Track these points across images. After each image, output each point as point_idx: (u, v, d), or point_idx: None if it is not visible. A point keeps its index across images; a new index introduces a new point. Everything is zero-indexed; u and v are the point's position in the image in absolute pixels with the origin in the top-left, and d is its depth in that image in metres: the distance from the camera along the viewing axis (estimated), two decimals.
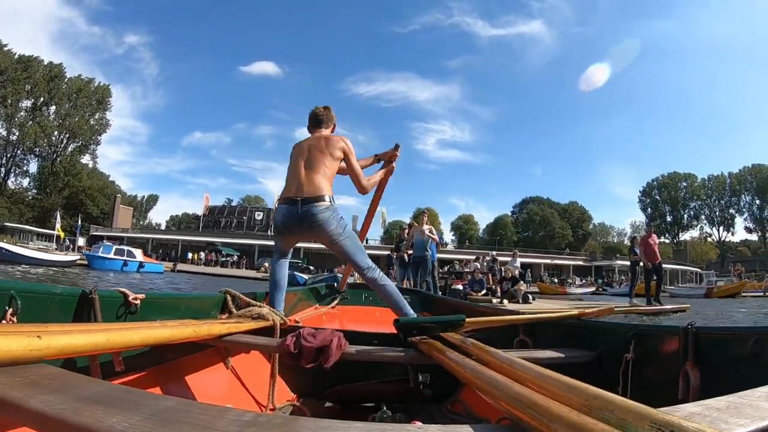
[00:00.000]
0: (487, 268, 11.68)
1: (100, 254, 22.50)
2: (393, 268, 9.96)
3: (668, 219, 61.32)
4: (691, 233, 61.60)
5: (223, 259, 37.58)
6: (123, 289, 1.33)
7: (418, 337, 1.48)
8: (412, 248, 7.80)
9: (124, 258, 22.68)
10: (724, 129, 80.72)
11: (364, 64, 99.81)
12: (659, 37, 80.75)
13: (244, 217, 53.48)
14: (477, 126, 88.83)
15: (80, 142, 46.45)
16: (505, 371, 0.91)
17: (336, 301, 3.71)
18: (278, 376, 1.75)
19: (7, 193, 42.30)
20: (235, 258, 38.08)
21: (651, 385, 1.24)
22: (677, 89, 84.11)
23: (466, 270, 12.60)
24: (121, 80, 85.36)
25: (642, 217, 64.01)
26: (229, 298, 1.91)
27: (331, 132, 2.40)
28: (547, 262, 44.13)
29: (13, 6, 55.90)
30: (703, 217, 60.78)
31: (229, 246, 40.46)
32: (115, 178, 58.31)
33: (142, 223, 62.17)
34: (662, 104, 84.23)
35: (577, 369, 1.20)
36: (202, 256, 36.83)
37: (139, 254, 24.10)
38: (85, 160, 48.11)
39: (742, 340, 1.07)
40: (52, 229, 32.15)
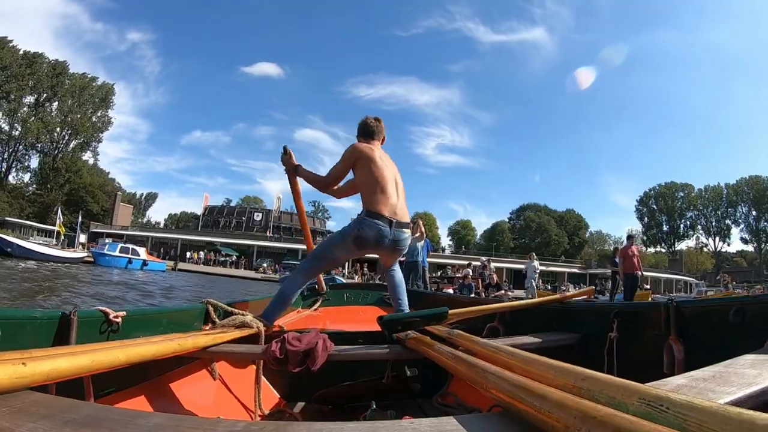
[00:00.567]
0: (477, 274, 12.03)
1: (106, 252, 23.07)
2: (366, 273, 10.41)
3: (664, 228, 61.49)
4: (687, 243, 61.88)
5: (222, 259, 37.80)
6: (103, 308, 1.32)
7: (404, 333, 1.50)
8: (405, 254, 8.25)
9: (129, 256, 23.13)
10: (723, 140, 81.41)
11: (366, 67, 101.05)
12: (660, 45, 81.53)
13: (243, 218, 53.55)
14: (477, 131, 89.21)
15: (82, 139, 46.57)
16: (493, 359, 0.92)
17: (318, 303, 3.68)
18: (267, 382, 1.75)
19: (8, 188, 42.49)
20: (234, 258, 38.30)
21: (636, 362, 1.24)
22: (678, 99, 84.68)
23: (457, 275, 13.01)
24: (124, 77, 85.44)
25: (639, 226, 64.52)
26: (211, 309, 1.88)
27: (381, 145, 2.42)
28: (543, 269, 43.91)
29: (18, 2, 56.22)
30: (699, 227, 60.93)
31: (228, 246, 40.58)
32: (115, 175, 58.41)
33: (141, 221, 61.94)
34: (663, 114, 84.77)
35: (563, 351, 1.22)
36: (202, 256, 37.10)
37: (143, 252, 24.60)
38: (86, 156, 48.37)
39: (723, 311, 1.07)
40: (53, 225, 32.40)
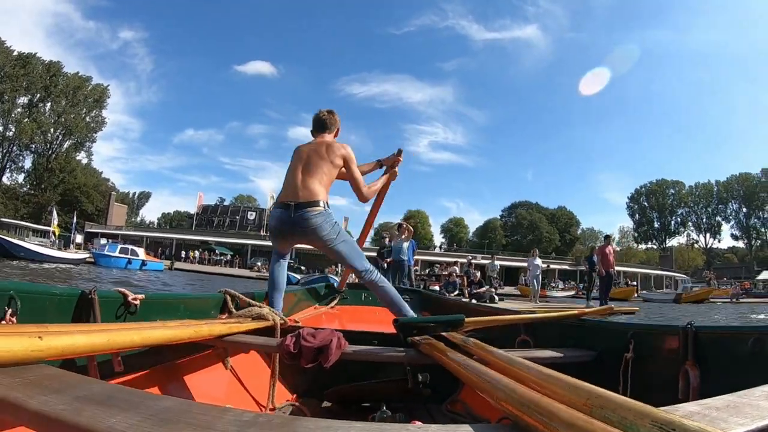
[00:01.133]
0: (463, 272, 12.55)
1: (106, 252, 23.72)
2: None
3: (655, 225, 62.55)
4: (678, 239, 62.93)
5: (217, 258, 38.11)
6: (122, 290, 1.32)
7: (419, 337, 1.49)
8: (391, 254, 8.82)
9: (128, 256, 23.71)
10: (713, 138, 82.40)
11: (359, 65, 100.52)
12: (652, 44, 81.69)
13: (237, 217, 53.72)
14: (470, 129, 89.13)
15: (76, 140, 46.65)
16: (507, 371, 0.91)
17: (335, 301, 3.68)
18: (279, 376, 1.77)
19: (2, 189, 42.49)
20: (229, 257, 38.63)
21: (651, 385, 1.24)
22: (670, 97, 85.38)
23: (444, 273, 13.54)
24: (116, 76, 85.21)
25: (630, 223, 65.49)
26: (229, 299, 1.89)
27: (335, 136, 2.38)
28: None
29: (9, 0, 55.71)
30: (690, 224, 62.10)
31: (223, 245, 40.89)
32: (107, 174, 57.74)
33: (134, 220, 61.84)
34: (655, 112, 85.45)
35: (577, 368, 1.20)
36: (197, 255, 37.38)
37: (141, 253, 25.24)
38: (80, 157, 48.44)
39: (742, 340, 1.06)
40: (47, 225, 32.58)
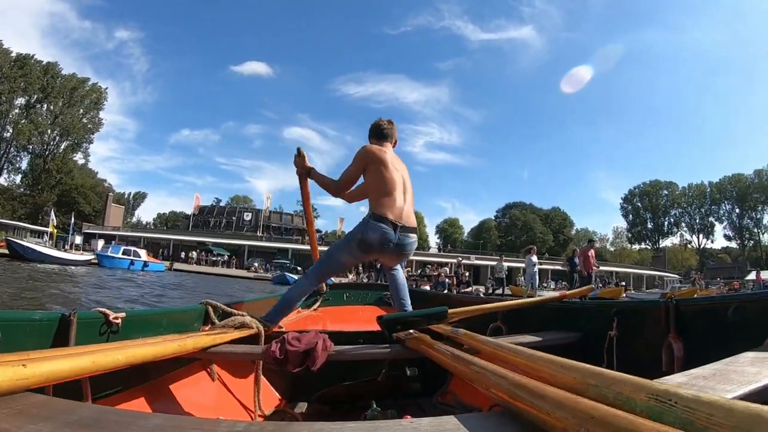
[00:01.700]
0: (452, 272, 12.98)
1: (110, 254, 24.18)
2: (360, 272, 11.43)
3: (649, 226, 63.31)
4: (672, 240, 63.61)
5: (214, 259, 38.40)
6: (103, 309, 1.31)
7: (403, 333, 1.49)
8: None
9: (131, 258, 24.23)
10: (707, 139, 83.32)
11: (354, 65, 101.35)
12: (647, 45, 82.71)
13: (233, 218, 53.97)
14: (466, 129, 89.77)
15: (73, 140, 46.84)
16: (496, 357, 0.92)
17: (318, 303, 3.67)
18: (267, 382, 1.76)
19: (0, 190, 42.69)
20: (226, 258, 38.92)
21: (635, 360, 1.24)
22: (665, 98, 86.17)
23: (434, 273, 14.05)
24: (111, 76, 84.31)
25: (624, 224, 66.15)
26: (211, 309, 1.88)
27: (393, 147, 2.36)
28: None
29: (4, 0, 55.54)
30: (683, 225, 62.84)
31: (220, 246, 41.10)
32: (103, 174, 58.16)
33: (130, 221, 61.75)
34: (650, 112, 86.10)
35: (562, 350, 1.19)
36: (194, 256, 37.67)
37: (143, 254, 25.80)
38: (77, 157, 48.57)
39: (722, 309, 1.07)
40: (45, 226, 32.84)
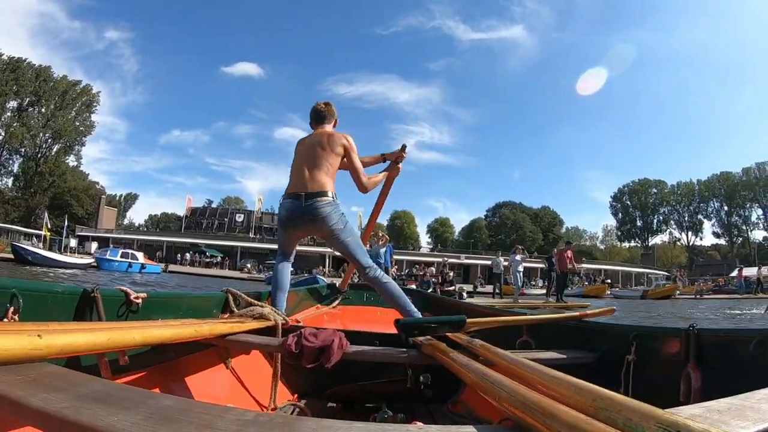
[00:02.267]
0: (438, 272, 13.58)
1: (108, 257, 24.88)
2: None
3: (638, 224, 64.42)
4: (661, 237, 64.63)
5: (207, 260, 38.67)
6: (125, 288, 1.32)
7: (421, 338, 1.49)
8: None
9: (129, 260, 24.91)
10: (695, 137, 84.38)
11: (345, 65, 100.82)
12: (637, 45, 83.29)
13: (225, 219, 54.23)
14: (457, 128, 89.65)
15: (65, 143, 46.85)
16: (510, 371, 0.92)
17: (337, 301, 3.68)
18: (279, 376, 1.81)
19: None
20: (219, 259, 39.21)
21: (652, 387, 1.23)
22: (654, 97, 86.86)
23: (420, 273, 14.82)
24: (101, 76, 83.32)
25: (614, 222, 67.24)
26: (231, 298, 1.89)
27: (333, 127, 2.43)
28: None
29: None
30: (672, 222, 63.92)
31: (213, 247, 41.36)
32: (94, 176, 56.96)
33: (122, 223, 61.46)
34: (639, 111, 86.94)
35: (578, 370, 1.19)
36: (188, 257, 37.91)
37: (140, 257, 26.40)
38: (69, 160, 48.55)
39: (744, 343, 1.06)
40: (38, 229, 32.99)
